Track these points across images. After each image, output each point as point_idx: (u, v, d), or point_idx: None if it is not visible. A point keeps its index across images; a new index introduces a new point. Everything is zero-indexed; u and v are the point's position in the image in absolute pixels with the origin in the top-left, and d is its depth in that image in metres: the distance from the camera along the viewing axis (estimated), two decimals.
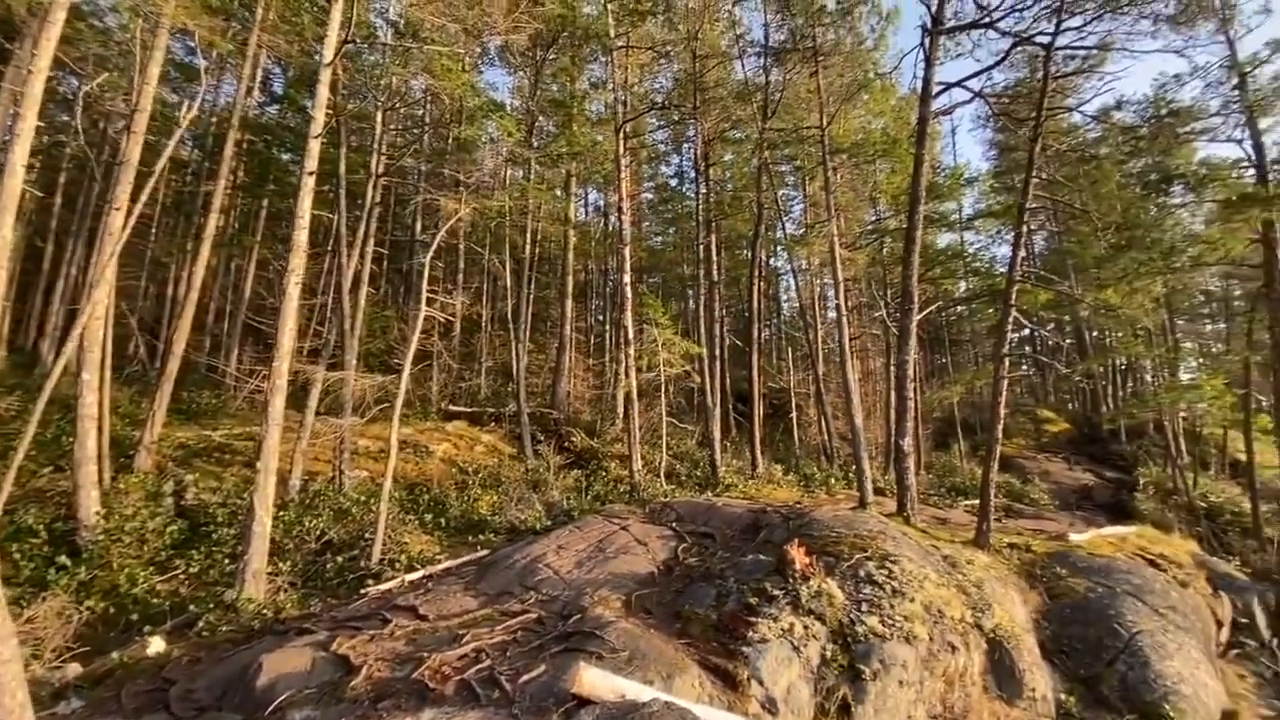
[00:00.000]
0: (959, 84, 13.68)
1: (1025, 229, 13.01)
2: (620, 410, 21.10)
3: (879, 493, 15.69)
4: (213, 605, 8.33)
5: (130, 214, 9.86)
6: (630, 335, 17.11)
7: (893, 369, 15.62)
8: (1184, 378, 27.09)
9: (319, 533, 10.65)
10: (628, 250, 17.74)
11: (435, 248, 13.34)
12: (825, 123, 17.29)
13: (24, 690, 4.40)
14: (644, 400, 18.88)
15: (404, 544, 10.94)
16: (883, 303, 23.54)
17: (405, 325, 14.68)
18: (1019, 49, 14.20)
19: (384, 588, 8.89)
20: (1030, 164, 12.31)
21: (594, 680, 5.17)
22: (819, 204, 22.06)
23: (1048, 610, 9.44)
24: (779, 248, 27.17)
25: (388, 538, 10.64)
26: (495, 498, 13.99)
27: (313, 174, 10.00)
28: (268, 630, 7.63)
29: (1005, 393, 12.17)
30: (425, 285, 11.94)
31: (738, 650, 6.66)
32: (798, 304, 24.48)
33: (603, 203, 31.61)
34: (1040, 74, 13.33)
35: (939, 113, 14.45)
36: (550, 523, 12.45)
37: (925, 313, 16.35)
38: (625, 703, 5.04)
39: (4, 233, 6.26)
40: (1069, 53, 13.86)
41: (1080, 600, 9.47)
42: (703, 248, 21.69)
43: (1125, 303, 14.93)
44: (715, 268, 22.33)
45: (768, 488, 17.05)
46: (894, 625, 7.21)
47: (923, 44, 13.16)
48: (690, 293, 30.15)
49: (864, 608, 7.44)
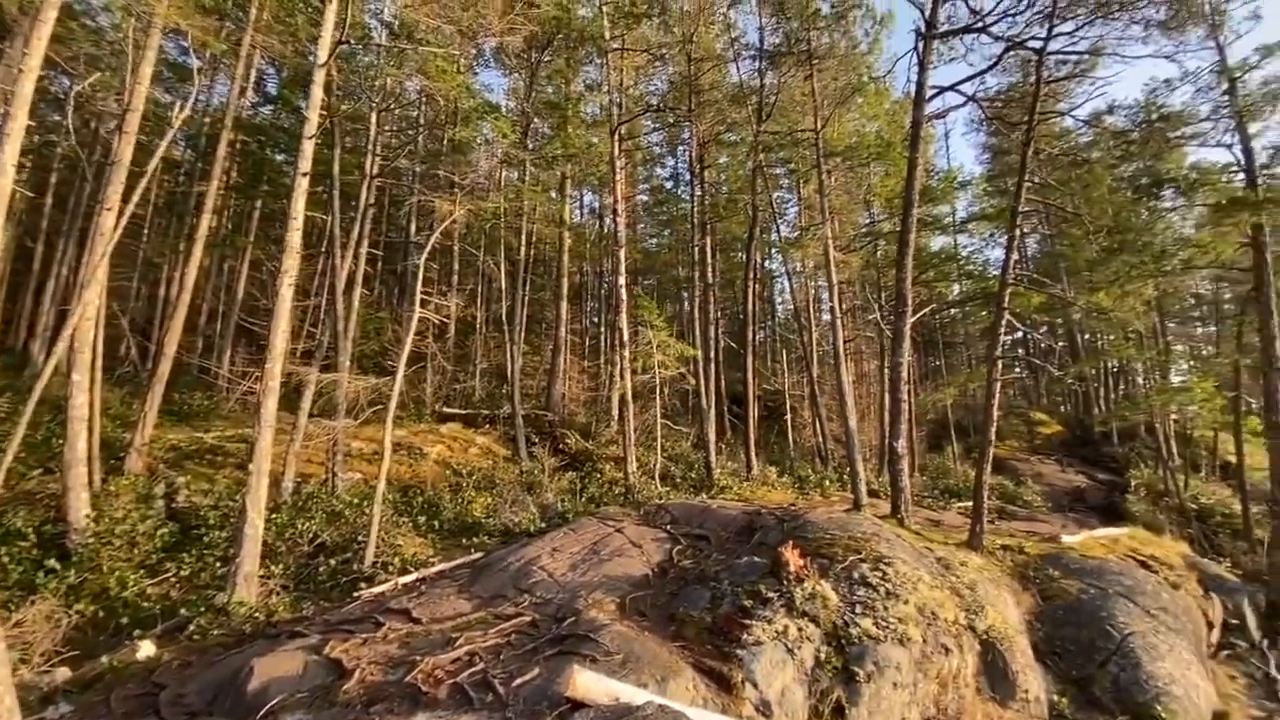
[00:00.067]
0: (952, 88, 13.82)
1: (1018, 232, 13.12)
2: (615, 412, 21.07)
3: (873, 495, 15.75)
4: (204, 608, 8.27)
5: (122, 214, 9.84)
6: (625, 337, 17.13)
7: (887, 371, 15.66)
8: (1175, 380, 27.39)
9: (312, 535, 10.60)
10: (623, 252, 17.77)
11: (430, 249, 13.33)
12: (820, 126, 17.35)
13: (12, 695, 4.38)
14: (639, 402, 18.88)
15: (397, 546, 10.87)
16: (877, 305, 23.60)
17: (399, 327, 14.66)
18: (1011, 54, 14.28)
19: (377, 590, 8.84)
20: (1023, 168, 12.40)
21: (588, 683, 5.16)
22: (814, 207, 22.13)
23: (1040, 612, 9.47)
24: (774, 250, 27.19)
25: (381, 540, 10.57)
26: (489, 500, 13.96)
27: (307, 175, 9.97)
28: (259, 634, 7.58)
29: (998, 395, 12.22)
30: (420, 287, 11.89)
31: (732, 653, 6.66)
32: (792, 306, 24.47)
33: (598, 205, 31.62)
34: (1033, 78, 13.47)
35: (932, 116, 14.58)
36: (545, 525, 12.43)
37: (919, 315, 16.39)
38: (619, 706, 5.02)
39: None
40: (1061, 58, 13.97)
41: (1073, 602, 9.51)
42: (698, 250, 21.74)
43: (1117, 306, 15.07)
44: (710, 270, 22.39)
45: (762, 490, 17.06)
46: (888, 627, 7.23)
47: (916, 48, 13.25)
48: (685, 295, 30.17)
49: (858, 610, 7.46)
